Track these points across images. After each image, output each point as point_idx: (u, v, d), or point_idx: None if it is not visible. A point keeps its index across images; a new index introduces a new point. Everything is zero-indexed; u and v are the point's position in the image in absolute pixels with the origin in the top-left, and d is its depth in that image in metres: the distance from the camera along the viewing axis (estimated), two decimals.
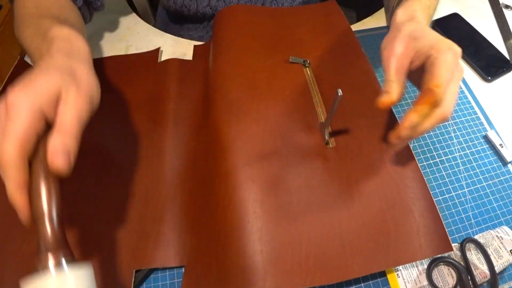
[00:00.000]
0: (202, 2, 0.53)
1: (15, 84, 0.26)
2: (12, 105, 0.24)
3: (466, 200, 0.39)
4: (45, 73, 0.27)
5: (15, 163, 0.23)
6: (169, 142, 0.41)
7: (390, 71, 0.31)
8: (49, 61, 0.29)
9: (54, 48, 0.30)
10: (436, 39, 0.30)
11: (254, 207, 0.33)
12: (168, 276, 0.35)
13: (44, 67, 0.28)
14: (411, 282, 0.33)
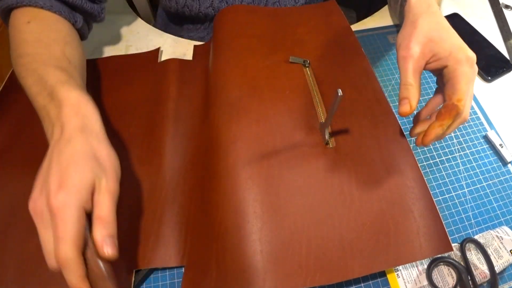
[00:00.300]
0: (205, 2, 0.53)
1: (48, 181, 0.27)
2: (57, 208, 0.26)
3: (466, 200, 0.39)
4: (76, 169, 0.28)
5: (75, 261, 0.26)
6: (169, 142, 0.41)
7: (408, 73, 0.32)
8: (71, 148, 0.29)
9: (66, 122, 0.30)
10: (454, 46, 0.31)
11: (254, 207, 0.33)
12: (168, 276, 0.35)
13: (70, 158, 0.28)
14: (411, 282, 0.33)
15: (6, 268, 0.34)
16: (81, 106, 0.32)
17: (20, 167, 0.40)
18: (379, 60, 0.51)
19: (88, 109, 0.32)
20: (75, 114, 0.31)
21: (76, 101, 0.32)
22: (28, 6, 0.37)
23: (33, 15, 0.38)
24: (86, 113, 0.32)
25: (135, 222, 0.36)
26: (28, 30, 0.37)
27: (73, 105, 0.31)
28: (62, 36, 0.38)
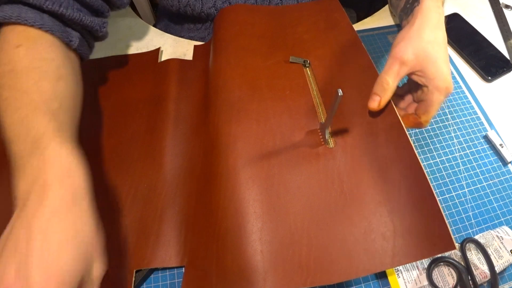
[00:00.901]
0: (208, 2, 0.53)
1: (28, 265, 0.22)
2: None
3: (466, 200, 0.39)
4: (68, 259, 0.24)
5: None
6: (169, 142, 0.41)
7: (390, 73, 0.34)
8: (60, 226, 0.24)
9: (53, 189, 0.25)
10: (441, 73, 0.33)
11: (254, 207, 0.33)
12: (168, 276, 0.35)
13: (59, 241, 0.24)
14: (411, 282, 0.33)
15: None
16: (71, 171, 0.27)
17: None
18: (379, 60, 0.51)
19: (79, 174, 0.27)
20: (64, 180, 0.26)
21: (67, 164, 0.27)
22: (17, 24, 0.32)
23: (23, 37, 0.32)
24: (77, 181, 0.27)
25: (135, 222, 0.36)
26: (17, 57, 0.31)
27: (63, 169, 0.26)
28: (55, 67, 0.33)
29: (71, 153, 0.28)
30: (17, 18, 0.32)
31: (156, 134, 0.42)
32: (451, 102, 0.47)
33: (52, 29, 0.34)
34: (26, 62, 0.31)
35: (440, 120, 0.45)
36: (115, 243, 0.35)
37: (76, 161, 0.28)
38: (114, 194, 0.38)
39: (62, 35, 0.35)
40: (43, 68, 0.32)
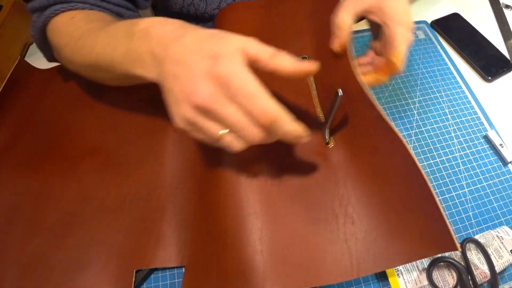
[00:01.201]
0: (212, 4, 0.52)
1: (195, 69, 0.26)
2: (227, 74, 0.25)
3: (466, 200, 0.39)
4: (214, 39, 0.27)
5: (281, 110, 0.25)
6: (169, 142, 0.41)
7: (345, 13, 0.35)
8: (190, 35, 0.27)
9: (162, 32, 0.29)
10: (398, 9, 0.33)
11: (254, 207, 0.33)
12: (168, 276, 0.35)
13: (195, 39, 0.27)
14: (411, 282, 0.33)
15: (6, 268, 0.34)
16: (166, 20, 0.30)
17: (21, 167, 0.40)
18: None
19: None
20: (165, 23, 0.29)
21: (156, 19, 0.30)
22: (68, 11, 0.38)
23: (74, 13, 0.38)
24: (177, 21, 0.30)
25: (135, 222, 0.36)
26: (77, 20, 0.37)
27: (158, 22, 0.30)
28: (111, 18, 0.39)
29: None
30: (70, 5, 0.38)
31: (156, 134, 0.42)
32: (451, 102, 0.47)
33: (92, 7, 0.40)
34: (85, 19, 0.37)
35: (440, 120, 0.45)
36: (115, 243, 0.35)
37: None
38: (114, 194, 0.38)
39: None
40: (100, 16, 0.39)
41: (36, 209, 0.37)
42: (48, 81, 0.48)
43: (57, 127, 0.44)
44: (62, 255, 0.34)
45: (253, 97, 0.24)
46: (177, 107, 0.27)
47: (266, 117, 0.25)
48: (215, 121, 0.26)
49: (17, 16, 0.52)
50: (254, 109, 0.25)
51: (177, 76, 0.26)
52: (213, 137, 0.27)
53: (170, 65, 0.27)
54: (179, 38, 0.27)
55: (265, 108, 0.24)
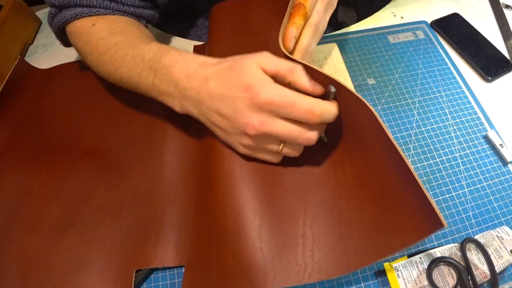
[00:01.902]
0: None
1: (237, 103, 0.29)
2: (267, 98, 0.28)
3: (466, 200, 0.39)
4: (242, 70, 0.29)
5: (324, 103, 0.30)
6: (169, 142, 0.41)
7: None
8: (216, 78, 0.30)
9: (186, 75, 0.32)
10: None
11: (253, 204, 0.33)
12: (168, 276, 0.35)
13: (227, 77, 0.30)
14: (411, 282, 0.33)
15: (6, 268, 0.34)
16: (186, 59, 0.33)
17: (21, 167, 0.40)
18: (379, 60, 0.51)
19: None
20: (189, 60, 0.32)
21: (182, 58, 0.33)
22: (88, 16, 0.39)
23: (94, 19, 0.39)
24: (195, 58, 0.33)
25: (135, 222, 0.36)
26: (98, 29, 0.38)
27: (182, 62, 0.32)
28: (131, 23, 0.40)
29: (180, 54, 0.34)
30: (89, 11, 0.39)
31: (156, 133, 0.42)
32: (451, 102, 0.47)
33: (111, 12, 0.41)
34: (107, 28, 0.38)
35: (440, 120, 0.45)
36: (115, 243, 0.35)
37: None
38: (114, 194, 0.38)
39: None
40: (121, 26, 0.39)
41: (36, 209, 0.37)
42: (48, 81, 0.48)
43: (57, 127, 0.44)
44: (62, 255, 0.34)
45: (293, 105, 0.28)
46: (235, 139, 0.32)
47: (314, 114, 0.28)
48: (272, 140, 0.30)
49: (17, 16, 0.52)
50: (301, 114, 0.28)
51: (223, 115, 0.30)
52: (275, 153, 0.31)
53: (211, 105, 0.30)
54: (206, 81, 0.30)
55: (309, 108, 0.28)
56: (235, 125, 0.30)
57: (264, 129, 0.29)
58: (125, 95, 0.46)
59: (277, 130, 0.29)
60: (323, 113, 0.28)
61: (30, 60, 0.50)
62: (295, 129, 0.29)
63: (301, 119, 0.29)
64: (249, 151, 0.32)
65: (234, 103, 0.29)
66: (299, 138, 0.29)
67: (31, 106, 0.46)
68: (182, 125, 0.43)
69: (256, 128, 0.28)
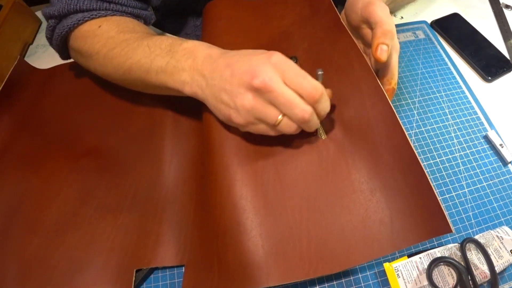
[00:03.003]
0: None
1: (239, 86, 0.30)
2: (264, 82, 0.30)
3: (466, 200, 0.39)
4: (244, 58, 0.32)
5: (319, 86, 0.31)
6: (169, 142, 0.41)
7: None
8: (228, 56, 0.33)
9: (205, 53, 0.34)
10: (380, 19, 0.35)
11: (252, 202, 0.33)
12: (168, 276, 0.35)
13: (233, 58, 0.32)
14: (411, 282, 0.33)
15: (6, 268, 0.34)
16: (208, 45, 0.35)
17: (21, 167, 0.40)
18: None
19: None
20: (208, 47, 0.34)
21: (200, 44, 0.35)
22: (90, 20, 0.39)
23: (99, 21, 0.39)
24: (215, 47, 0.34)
25: (135, 221, 0.36)
26: (106, 29, 0.39)
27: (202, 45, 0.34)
28: (137, 23, 0.42)
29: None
30: (95, 14, 0.40)
31: (155, 133, 0.42)
32: (451, 102, 0.47)
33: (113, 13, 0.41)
34: (115, 28, 0.39)
35: (440, 120, 0.45)
36: (115, 243, 0.35)
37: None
38: (114, 194, 0.38)
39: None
40: (129, 25, 0.40)
41: (36, 209, 0.37)
42: (47, 81, 0.48)
43: (56, 127, 0.44)
44: (62, 255, 0.34)
45: (305, 76, 0.30)
46: (238, 101, 0.31)
47: (318, 91, 0.30)
48: (273, 106, 0.31)
49: (17, 16, 0.52)
50: (308, 86, 0.30)
51: (231, 75, 0.31)
52: (273, 123, 0.31)
53: (221, 72, 0.31)
54: (225, 53, 0.32)
55: (316, 84, 0.30)
56: (244, 78, 0.30)
57: (272, 86, 0.29)
58: (125, 95, 0.46)
59: (283, 91, 0.30)
60: (323, 95, 0.31)
61: (30, 60, 0.50)
62: (297, 98, 0.30)
63: (305, 92, 0.30)
64: (247, 117, 0.32)
65: (248, 61, 0.30)
66: (297, 108, 0.30)
67: (31, 106, 0.46)
68: (182, 125, 0.43)
69: (265, 82, 0.29)
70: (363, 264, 0.35)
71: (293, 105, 0.30)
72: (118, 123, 0.43)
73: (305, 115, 0.30)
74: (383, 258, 0.35)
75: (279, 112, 0.31)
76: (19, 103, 0.46)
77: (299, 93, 0.30)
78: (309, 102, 0.30)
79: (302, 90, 0.30)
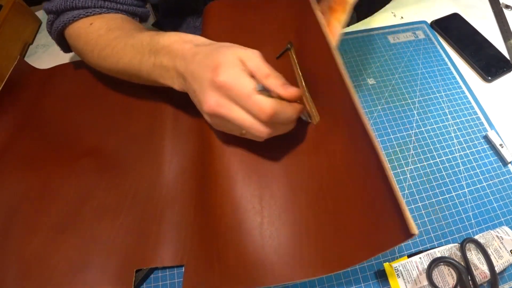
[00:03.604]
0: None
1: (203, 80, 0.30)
2: (225, 81, 0.29)
3: (466, 200, 0.39)
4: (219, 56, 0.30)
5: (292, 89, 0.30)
6: (168, 142, 0.41)
7: None
8: (199, 55, 0.31)
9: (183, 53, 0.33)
10: None
11: (253, 202, 0.33)
12: (168, 276, 0.35)
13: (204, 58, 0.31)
14: (411, 282, 0.33)
15: (6, 268, 0.34)
16: (183, 38, 0.34)
17: (21, 167, 0.40)
18: (379, 60, 0.51)
19: (189, 35, 0.34)
20: (183, 44, 0.33)
21: (178, 38, 0.34)
22: (85, 17, 0.40)
23: (91, 19, 0.40)
24: (192, 38, 0.34)
25: (135, 222, 0.36)
26: (96, 27, 0.39)
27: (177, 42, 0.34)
28: (126, 19, 0.42)
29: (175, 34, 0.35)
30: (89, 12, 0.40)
31: (155, 133, 0.42)
32: (451, 102, 0.47)
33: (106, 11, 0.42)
34: (105, 26, 0.39)
35: (440, 120, 0.45)
36: (115, 243, 0.35)
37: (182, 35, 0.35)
38: (114, 194, 0.38)
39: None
40: (118, 22, 0.41)
41: (36, 209, 0.37)
42: (47, 81, 0.48)
43: (56, 127, 0.44)
44: (62, 255, 0.34)
45: (249, 97, 0.28)
46: (203, 114, 0.32)
47: (265, 113, 0.28)
48: (232, 124, 0.30)
49: (17, 16, 0.52)
50: (253, 108, 0.28)
51: (194, 90, 0.31)
52: (238, 133, 0.31)
53: (189, 80, 0.31)
54: (194, 55, 0.31)
55: (261, 105, 0.28)
56: (199, 100, 0.31)
57: (220, 111, 0.29)
58: (125, 95, 0.46)
59: (231, 116, 0.29)
60: (276, 113, 0.28)
61: (30, 60, 0.50)
62: (249, 120, 0.29)
63: (252, 113, 0.29)
64: (214, 125, 0.33)
65: (201, 80, 0.30)
66: (251, 129, 0.29)
67: (31, 106, 0.46)
68: (182, 125, 0.43)
69: (212, 108, 0.29)
70: (363, 264, 0.35)
71: (245, 127, 0.29)
72: (118, 123, 0.43)
73: (262, 134, 0.30)
74: (383, 258, 0.35)
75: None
76: (19, 103, 0.46)
77: (250, 114, 0.29)
78: (263, 121, 0.29)
79: (249, 111, 0.29)
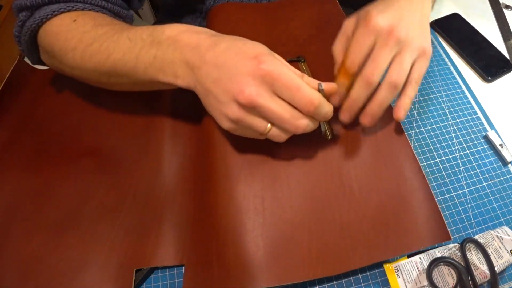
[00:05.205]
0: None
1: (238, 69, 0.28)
2: (270, 70, 0.27)
3: (466, 200, 0.39)
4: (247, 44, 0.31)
5: (320, 96, 0.29)
6: (168, 141, 0.41)
7: None
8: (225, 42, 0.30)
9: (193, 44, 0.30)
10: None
11: (255, 203, 0.33)
12: (168, 276, 0.35)
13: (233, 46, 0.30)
14: (411, 282, 0.33)
15: (6, 268, 0.34)
16: (192, 28, 0.32)
17: (20, 167, 0.40)
18: None
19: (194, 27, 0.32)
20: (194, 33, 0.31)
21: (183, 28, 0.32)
22: (65, 12, 0.36)
23: (74, 15, 0.36)
24: (203, 29, 0.32)
25: (135, 221, 0.36)
26: (81, 24, 0.35)
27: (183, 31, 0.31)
28: (114, 18, 0.39)
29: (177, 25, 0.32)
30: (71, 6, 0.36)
31: (155, 133, 0.42)
32: (451, 102, 0.47)
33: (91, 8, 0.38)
34: (90, 22, 0.36)
35: (440, 120, 0.45)
36: (115, 243, 0.35)
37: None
38: (114, 193, 0.38)
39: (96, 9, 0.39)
40: (106, 19, 0.37)
41: (36, 209, 0.37)
42: (47, 81, 0.48)
43: (56, 127, 0.44)
44: (62, 255, 0.34)
45: (298, 89, 0.27)
46: (223, 108, 0.29)
47: (313, 104, 0.28)
48: (261, 117, 0.29)
49: None
50: (301, 99, 0.27)
51: (218, 80, 0.28)
52: (261, 132, 0.29)
53: (209, 71, 0.29)
54: (214, 45, 0.29)
55: (311, 96, 0.27)
56: (228, 89, 0.28)
57: (259, 101, 0.27)
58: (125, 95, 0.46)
59: (271, 107, 0.27)
60: (320, 105, 0.28)
61: None
62: (289, 111, 0.28)
63: (298, 105, 0.28)
64: (233, 125, 0.30)
65: (236, 67, 0.28)
66: (288, 123, 0.28)
67: (30, 106, 0.46)
68: (182, 124, 0.43)
69: (251, 98, 0.27)
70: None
71: (283, 120, 0.28)
72: (118, 123, 0.43)
73: (298, 129, 0.29)
74: None
75: (268, 122, 0.29)
76: (19, 103, 0.46)
77: (293, 104, 0.28)
78: (304, 114, 0.29)
79: (295, 103, 0.28)
